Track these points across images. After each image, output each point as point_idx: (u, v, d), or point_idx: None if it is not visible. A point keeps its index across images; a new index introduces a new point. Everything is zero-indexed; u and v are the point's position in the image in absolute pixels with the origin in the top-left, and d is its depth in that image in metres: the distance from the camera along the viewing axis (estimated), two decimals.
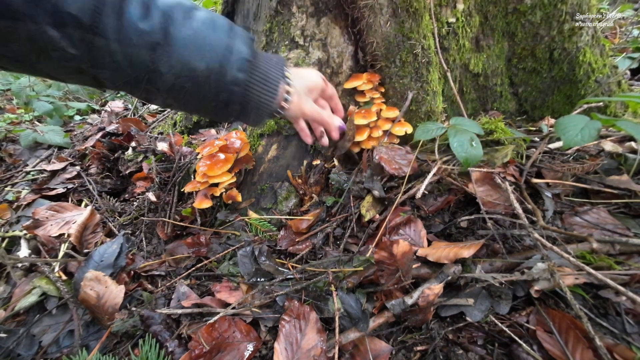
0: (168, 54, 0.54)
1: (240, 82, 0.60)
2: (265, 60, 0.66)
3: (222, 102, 0.61)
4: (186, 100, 0.60)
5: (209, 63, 0.56)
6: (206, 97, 0.60)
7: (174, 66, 0.55)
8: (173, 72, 0.55)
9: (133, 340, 0.80)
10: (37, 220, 1.19)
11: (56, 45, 0.49)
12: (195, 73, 0.56)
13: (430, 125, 0.88)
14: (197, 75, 0.56)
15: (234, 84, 0.60)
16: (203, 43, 0.56)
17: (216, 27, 0.58)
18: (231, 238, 1.05)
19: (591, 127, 0.70)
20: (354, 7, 0.96)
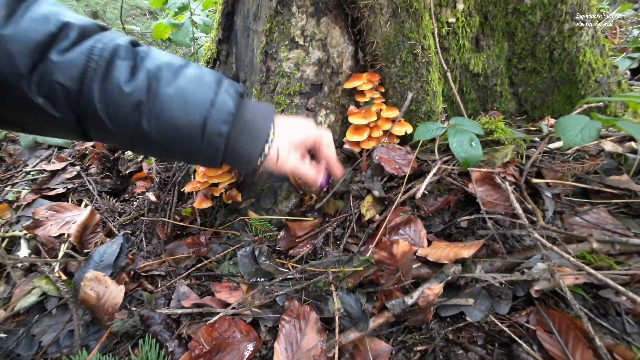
0: (151, 111, 0.55)
1: (223, 134, 0.60)
2: (252, 112, 0.65)
3: (209, 153, 0.62)
4: (174, 152, 0.62)
5: (192, 118, 0.57)
6: (192, 149, 0.60)
7: (158, 123, 0.56)
8: (157, 128, 0.56)
9: (133, 340, 0.80)
10: (37, 220, 1.19)
11: (42, 110, 0.50)
12: (178, 127, 0.57)
13: (430, 125, 0.88)
14: (180, 129, 0.57)
15: (218, 135, 0.59)
16: (187, 100, 0.57)
17: (202, 84, 0.59)
18: (231, 238, 1.05)
19: (591, 127, 0.70)
20: (354, 7, 0.96)
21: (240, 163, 0.66)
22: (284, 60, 0.99)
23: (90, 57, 0.51)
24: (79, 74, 0.50)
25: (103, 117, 0.53)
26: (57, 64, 0.49)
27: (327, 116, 1.04)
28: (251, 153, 0.65)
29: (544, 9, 1.00)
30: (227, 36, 1.24)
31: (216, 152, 0.61)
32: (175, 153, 0.62)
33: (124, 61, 0.54)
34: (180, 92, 0.56)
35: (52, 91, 0.49)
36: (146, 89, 0.54)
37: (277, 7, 0.96)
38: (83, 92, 0.51)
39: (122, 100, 0.53)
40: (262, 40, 1.02)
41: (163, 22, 1.79)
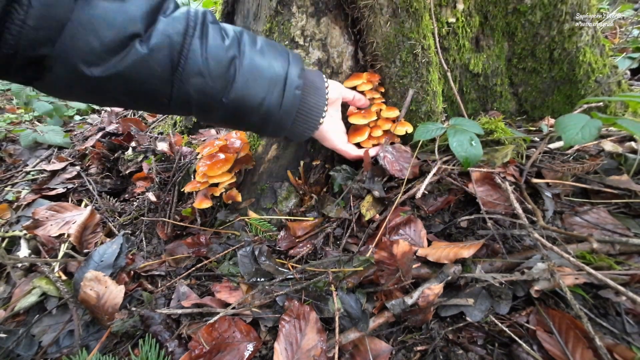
0: (242, 66, 0.63)
1: (300, 86, 0.70)
2: (310, 71, 0.77)
3: (286, 111, 0.70)
4: (255, 110, 0.68)
5: (276, 71, 0.67)
6: (273, 104, 0.68)
7: (248, 77, 0.64)
8: (246, 83, 0.64)
9: (133, 340, 0.80)
10: (37, 220, 1.19)
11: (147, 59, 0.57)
12: (264, 78, 0.66)
13: (430, 125, 0.88)
14: (266, 81, 0.66)
15: (296, 88, 0.69)
16: (269, 56, 0.67)
17: (276, 45, 0.71)
18: (231, 238, 1.05)
19: (591, 126, 0.70)
20: (354, 7, 0.96)
21: (308, 122, 0.76)
22: None
23: (188, 18, 0.59)
24: (183, 29, 0.58)
25: (203, 70, 0.60)
26: (166, 22, 0.57)
27: None
28: (318, 110, 0.76)
29: (544, 9, 1.00)
30: None
31: (293, 105, 0.70)
32: (256, 111, 0.68)
33: (214, 24, 0.62)
34: (262, 52, 0.66)
35: (160, 42, 0.55)
36: (237, 47, 0.63)
37: (277, 7, 0.96)
38: (185, 45, 0.58)
39: (222, 54, 0.61)
40: None
41: None
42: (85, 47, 0.50)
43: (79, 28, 0.49)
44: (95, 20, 0.50)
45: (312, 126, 0.79)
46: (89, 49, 0.50)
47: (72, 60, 0.50)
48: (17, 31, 0.45)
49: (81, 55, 0.50)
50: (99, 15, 0.50)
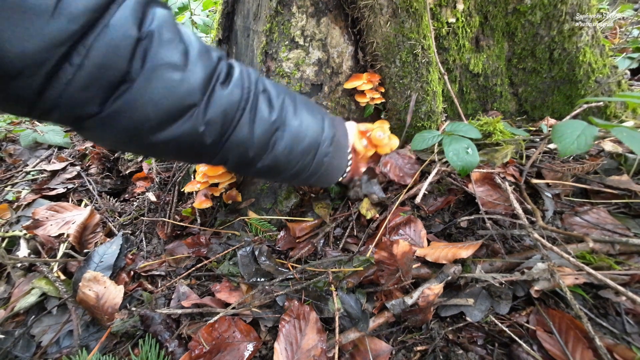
0: (284, 137, 0.64)
1: (329, 154, 0.71)
2: (337, 129, 0.76)
3: (312, 172, 0.72)
4: (289, 172, 0.69)
5: (310, 141, 0.68)
6: (303, 168, 0.69)
7: (286, 149, 0.65)
8: (284, 152, 0.65)
9: (133, 340, 0.80)
10: (37, 220, 1.19)
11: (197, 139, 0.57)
12: (302, 148, 0.67)
13: (425, 134, 0.89)
14: (301, 151, 0.67)
15: (325, 156, 0.71)
16: (307, 127, 0.67)
17: (313, 110, 0.71)
18: (231, 238, 1.05)
19: (587, 134, 0.70)
20: (354, 7, 0.96)
21: (330, 177, 0.78)
22: (284, 60, 0.99)
23: (242, 88, 0.58)
24: (237, 102, 0.57)
25: (247, 141, 0.60)
26: (222, 94, 0.55)
27: None
28: (341, 167, 0.79)
29: (544, 9, 1.00)
30: (227, 36, 1.24)
31: (317, 170, 0.72)
32: (289, 172, 0.69)
33: (264, 94, 0.62)
34: (301, 121, 0.66)
35: (215, 117, 0.55)
36: (281, 116, 0.63)
37: (277, 7, 0.96)
38: (236, 118, 0.58)
39: (267, 127, 0.62)
40: (262, 40, 1.02)
41: None
42: (141, 115, 0.48)
43: (138, 96, 0.47)
44: (159, 91, 0.48)
45: (333, 180, 0.81)
46: (143, 117, 0.49)
47: (123, 123, 0.48)
48: (62, 89, 0.42)
49: (134, 121, 0.49)
50: (162, 87, 0.48)
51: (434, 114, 1.04)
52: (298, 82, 1.00)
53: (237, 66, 0.60)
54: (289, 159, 0.66)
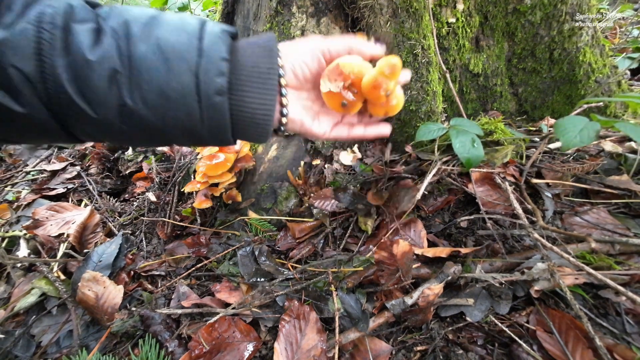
0: (130, 80, 0.43)
1: (222, 89, 0.45)
2: (251, 51, 0.50)
3: (213, 122, 0.48)
4: (174, 130, 0.48)
5: (180, 78, 0.44)
6: (192, 121, 0.47)
7: (142, 94, 0.43)
8: (143, 101, 0.44)
9: (133, 340, 0.80)
10: (37, 220, 1.19)
11: (3, 108, 0.40)
12: (167, 94, 0.44)
13: (431, 125, 0.88)
14: (170, 95, 0.44)
15: (217, 93, 0.45)
16: (167, 54, 0.43)
17: (182, 31, 0.45)
18: (231, 238, 1.05)
19: (590, 129, 0.70)
20: (354, 7, 0.96)
21: (257, 126, 0.50)
22: None
23: (40, 26, 0.39)
24: (33, 49, 0.39)
25: (78, 101, 0.42)
26: (5, 43, 0.38)
27: None
28: (266, 106, 0.49)
29: (544, 9, 1.00)
30: None
31: (221, 117, 0.47)
32: (176, 131, 0.48)
33: (83, 24, 0.42)
34: (157, 46, 0.43)
35: (8, 79, 0.39)
36: (117, 53, 0.42)
37: (277, 7, 0.96)
38: (46, 73, 0.40)
39: (92, 73, 0.41)
40: None
41: None
42: None
43: None
44: None
45: (256, 134, 0.52)
46: None
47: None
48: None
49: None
50: None
51: (434, 114, 1.04)
52: None
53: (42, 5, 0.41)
54: (157, 112, 0.45)
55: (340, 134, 0.62)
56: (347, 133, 0.63)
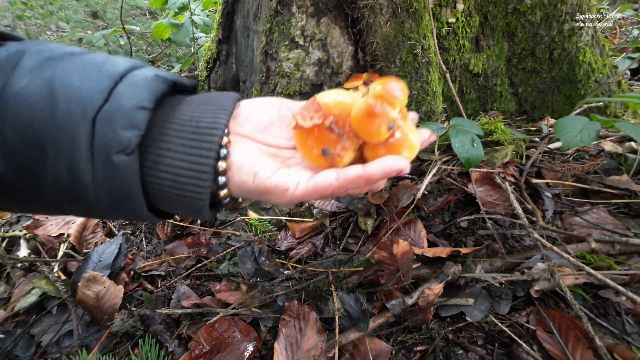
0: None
1: (128, 146, 0.32)
2: (196, 105, 0.38)
3: (111, 191, 0.34)
4: (55, 201, 0.35)
5: (69, 124, 0.32)
6: (81, 187, 0.33)
7: (5, 140, 0.32)
8: (3, 151, 0.32)
9: (133, 340, 0.80)
10: (37, 220, 1.19)
11: None
12: (45, 145, 0.32)
13: (431, 125, 0.88)
14: (49, 148, 0.32)
15: (120, 150, 0.32)
16: (60, 95, 0.32)
17: (96, 70, 0.34)
18: (231, 238, 1.05)
19: (590, 129, 0.71)
20: (354, 7, 0.96)
21: (183, 196, 0.35)
22: (284, 60, 0.99)
23: None
24: None
25: None
26: None
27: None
28: (197, 171, 0.35)
29: (544, 9, 1.00)
30: (227, 36, 1.24)
31: (125, 184, 0.33)
32: (55, 197, 0.34)
33: None
34: (47, 84, 0.32)
35: None
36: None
37: (277, 7, 0.96)
38: None
39: None
40: (262, 40, 1.02)
41: (163, 22, 1.79)
42: None
43: None
44: None
45: (193, 208, 0.37)
46: None
47: None
48: None
49: None
50: None
51: (434, 114, 1.04)
52: (298, 82, 1.00)
53: None
54: (18, 165, 0.32)
55: (324, 180, 0.37)
56: (335, 177, 0.37)
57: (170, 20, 1.79)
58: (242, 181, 0.38)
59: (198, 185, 0.35)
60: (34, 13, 3.12)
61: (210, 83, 1.44)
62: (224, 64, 1.28)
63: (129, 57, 0.34)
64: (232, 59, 1.24)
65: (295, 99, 1.01)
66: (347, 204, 0.94)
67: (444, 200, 0.92)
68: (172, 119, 0.36)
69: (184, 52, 2.72)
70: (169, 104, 0.38)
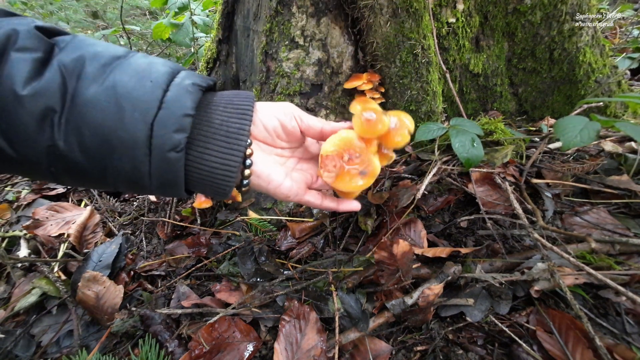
0: (68, 122, 0.39)
1: (179, 145, 0.42)
2: (223, 108, 0.48)
3: (164, 178, 0.44)
4: (113, 179, 0.43)
5: (131, 128, 0.40)
6: (137, 173, 0.43)
7: (80, 139, 0.39)
8: (80, 146, 0.40)
9: (133, 340, 0.80)
10: (37, 220, 1.19)
11: None
12: (111, 142, 0.40)
13: (431, 125, 0.88)
14: (115, 144, 0.40)
15: (173, 149, 0.42)
16: (121, 101, 0.40)
17: (145, 78, 0.42)
18: (231, 238, 1.05)
19: (590, 129, 0.70)
20: (354, 7, 0.96)
21: (215, 184, 0.47)
22: (284, 60, 0.99)
23: None
24: None
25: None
26: None
27: (327, 116, 1.04)
28: (228, 167, 0.46)
29: (544, 9, 1.00)
30: (227, 36, 1.24)
31: (174, 174, 0.43)
32: (116, 180, 0.44)
33: (25, 52, 0.38)
34: (112, 91, 0.40)
35: None
36: (59, 90, 0.38)
37: (277, 7, 0.96)
38: None
39: (20, 110, 0.37)
40: (262, 40, 1.02)
41: (163, 22, 1.79)
42: None
43: None
44: None
45: (216, 190, 0.48)
46: None
47: None
48: None
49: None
50: None
51: (434, 114, 1.04)
52: (298, 82, 1.00)
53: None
54: (94, 159, 0.41)
55: (313, 200, 0.58)
56: (320, 202, 0.59)
57: (170, 20, 1.80)
58: (259, 184, 0.53)
59: (228, 177, 0.47)
60: (34, 13, 3.12)
61: None
62: (224, 64, 1.28)
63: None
64: (232, 59, 1.24)
65: (295, 99, 1.01)
66: None
67: (444, 200, 0.92)
68: (208, 122, 0.46)
69: (184, 52, 2.72)
70: (202, 106, 0.47)
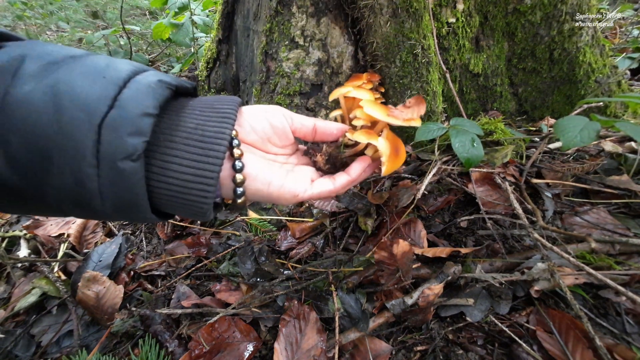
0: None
1: (135, 152, 0.33)
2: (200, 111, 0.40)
3: (115, 195, 0.35)
4: (60, 207, 0.36)
5: (75, 131, 0.32)
6: (87, 193, 0.34)
7: (10, 148, 0.32)
8: (10, 159, 0.32)
9: (133, 340, 0.80)
10: (37, 220, 1.19)
11: None
12: (50, 154, 0.32)
13: (431, 125, 0.88)
14: (54, 156, 0.32)
15: (126, 157, 0.33)
16: (65, 101, 0.32)
17: (99, 76, 0.34)
18: (231, 238, 1.05)
19: (590, 129, 0.70)
20: (354, 7, 0.96)
21: (189, 202, 0.38)
22: (284, 60, 0.99)
23: None
24: None
25: None
26: None
27: (327, 116, 1.04)
28: (203, 178, 0.37)
29: (544, 9, 1.00)
30: (227, 36, 1.24)
31: (131, 190, 0.34)
32: (60, 202, 0.35)
33: None
34: (51, 89, 0.32)
35: None
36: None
37: (277, 7, 0.96)
38: None
39: None
40: (262, 40, 1.02)
41: (163, 22, 1.79)
42: None
43: None
44: None
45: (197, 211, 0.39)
46: None
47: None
48: None
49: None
50: None
51: (434, 114, 1.04)
52: (298, 82, 1.00)
53: None
54: (24, 173, 0.33)
55: (325, 187, 0.49)
56: (333, 185, 0.50)
57: (170, 20, 1.79)
58: (257, 189, 0.44)
59: (204, 191, 0.37)
60: (34, 13, 3.12)
61: (210, 83, 1.44)
62: (224, 64, 1.28)
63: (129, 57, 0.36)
64: (232, 59, 1.24)
65: (295, 98, 1.01)
66: (347, 204, 0.94)
67: (444, 200, 0.92)
68: (177, 126, 0.38)
69: (184, 52, 2.72)
70: (173, 109, 0.39)
